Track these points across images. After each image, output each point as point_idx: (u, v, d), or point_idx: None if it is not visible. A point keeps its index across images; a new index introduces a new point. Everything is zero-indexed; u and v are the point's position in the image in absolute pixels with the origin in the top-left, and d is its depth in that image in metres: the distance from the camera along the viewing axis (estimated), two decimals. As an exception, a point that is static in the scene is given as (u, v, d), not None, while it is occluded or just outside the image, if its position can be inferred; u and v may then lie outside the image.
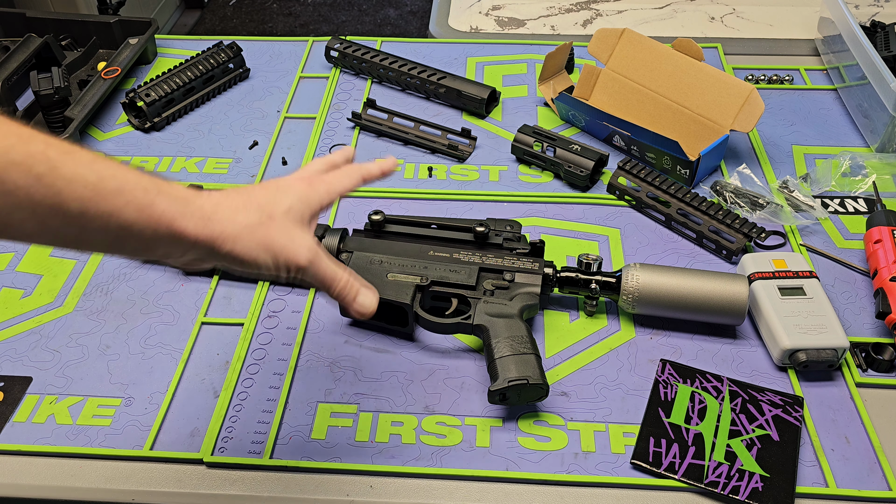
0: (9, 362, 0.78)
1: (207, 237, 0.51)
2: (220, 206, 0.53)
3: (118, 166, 0.49)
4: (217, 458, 0.69)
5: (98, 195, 0.47)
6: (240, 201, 0.54)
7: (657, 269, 0.79)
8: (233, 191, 0.56)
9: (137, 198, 0.48)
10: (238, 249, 0.53)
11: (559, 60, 1.11)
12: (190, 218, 0.50)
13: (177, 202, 0.50)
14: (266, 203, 0.55)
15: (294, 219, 0.56)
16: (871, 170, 0.97)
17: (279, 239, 0.54)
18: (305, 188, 0.58)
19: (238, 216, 0.53)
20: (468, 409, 0.73)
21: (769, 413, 0.71)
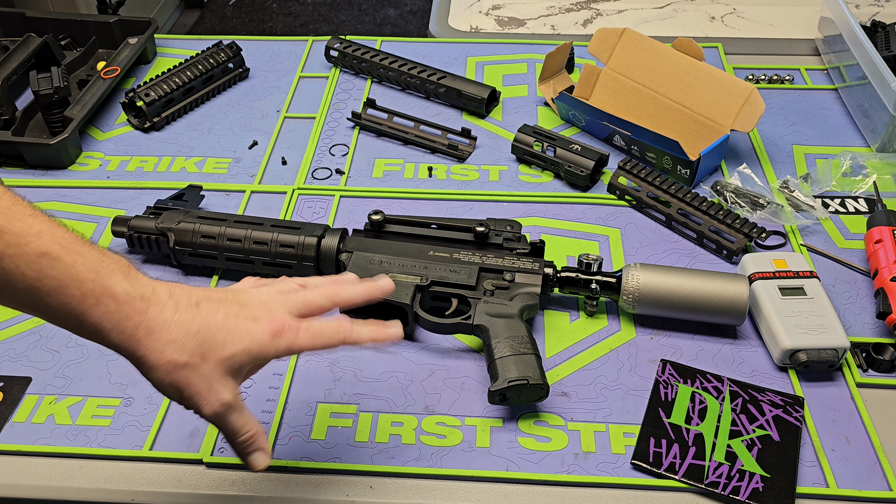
0: (8, 362, 0.78)
1: (130, 353, 0.52)
2: (153, 332, 0.51)
3: (67, 262, 0.48)
4: (217, 458, 0.69)
5: (32, 295, 0.47)
6: (179, 332, 0.52)
7: (657, 269, 0.78)
8: (184, 306, 0.53)
9: (71, 303, 0.48)
10: (152, 378, 0.53)
11: (559, 60, 1.11)
12: (120, 333, 0.50)
13: (112, 317, 0.50)
14: (209, 340, 0.53)
15: (227, 369, 0.54)
16: (872, 170, 0.97)
17: (195, 386, 0.53)
18: (267, 341, 0.55)
19: (167, 350, 0.52)
20: (468, 410, 0.73)
21: (770, 413, 0.71)
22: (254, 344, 0.54)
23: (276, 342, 0.55)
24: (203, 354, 0.53)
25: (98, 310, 0.49)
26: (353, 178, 1.00)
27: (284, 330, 0.56)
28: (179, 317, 0.52)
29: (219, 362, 0.53)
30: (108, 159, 1.04)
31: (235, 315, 0.55)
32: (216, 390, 0.53)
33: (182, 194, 0.91)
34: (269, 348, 0.55)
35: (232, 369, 0.54)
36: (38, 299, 0.48)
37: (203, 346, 0.53)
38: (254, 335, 0.55)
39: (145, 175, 1.01)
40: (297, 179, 0.99)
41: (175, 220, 0.84)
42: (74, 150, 1.03)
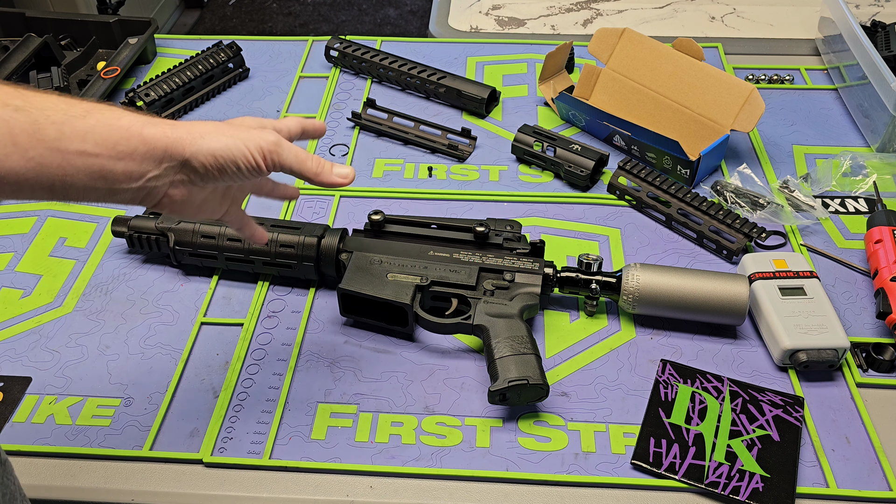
0: (8, 362, 0.78)
1: (175, 138, 0.54)
2: (182, 122, 0.56)
3: (86, 99, 0.52)
4: (217, 458, 0.69)
5: (70, 118, 0.50)
6: (209, 125, 0.57)
7: (657, 269, 0.78)
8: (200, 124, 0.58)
9: (105, 116, 0.51)
10: (209, 142, 0.55)
11: (559, 60, 1.11)
12: (156, 126, 0.53)
13: (142, 118, 0.53)
14: (229, 125, 0.58)
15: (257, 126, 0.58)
16: (872, 170, 0.97)
17: (246, 131, 0.56)
18: (257, 128, 0.59)
19: (202, 125, 0.56)
20: (468, 410, 0.73)
21: (769, 413, 0.71)
22: (252, 127, 0.59)
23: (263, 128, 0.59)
24: (230, 123, 0.58)
25: (128, 115, 0.52)
26: (353, 178, 1.00)
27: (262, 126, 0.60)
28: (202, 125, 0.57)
29: (248, 129, 0.57)
30: (108, 159, 1.04)
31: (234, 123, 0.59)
32: (258, 133, 0.57)
33: (182, 194, 0.91)
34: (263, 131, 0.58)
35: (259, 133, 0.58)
36: (78, 123, 0.50)
37: (233, 124, 0.58)
38: (245, 124, 0.59)
39: (145, 175, 1.01)
40: (297, 179, 0.99)
41: (175, 220, 0.84)
42: (74, 150, 1.03)
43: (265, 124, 0.61)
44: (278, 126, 0.62)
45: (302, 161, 0.60)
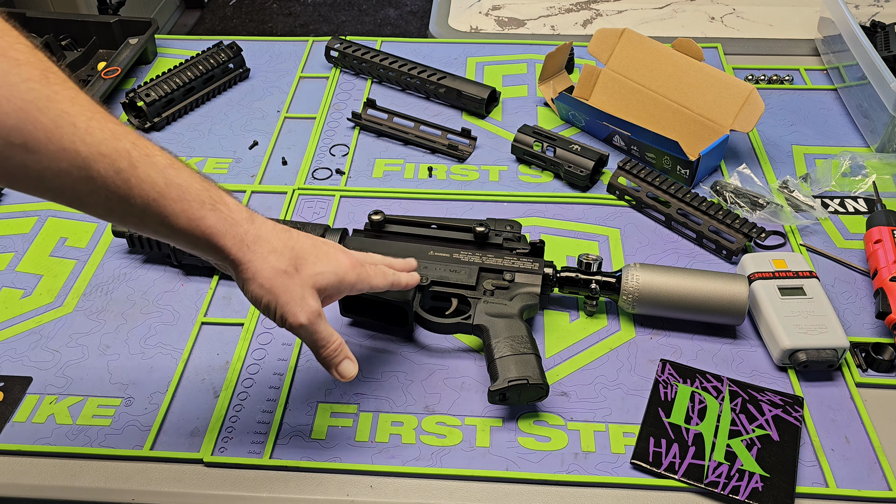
0: (9, 362, 0.78)
1: (237, 259, 0.57)
2: (259, 239, 0.58)
3: (187, 175, 0.55)
4: (217, 457, 0.69)
5: (161, 198, 0.53)
6: (279, 243, 0.59)
7: (657, 269, 0.79)
8: (280, 228, 0.60)
9: (193, 208, 0.54)
10: (252, 286, 0.58)
11: (559, 60, 1.11)
12: (230, 239, 0.56)
13: (227, 220, 0.56)
14: (302, 257, 0.59)
15: (315, 284, 0.60)
16: (871, 170, 0.97)
17: (291, 293, 0.58)
18: (348, 268, 0.62)
19: (270, 257, 0.58)
20: (468, 409, 0.73)
21: (769, 413, 0.71)
22: (339, 268, 0.61)
23: (355, 271, 0.63)
24: (297, 266, 0.59)
25: (214, 214, 0.55)
26: (353, 178, 1.00)
27: (359, 266, 0.64)
28: (278, 233, 0.59)
29: (309, 276, 0.59)
30: (109, 159, 1.04)
31: (322, 244, 0.62)
32: (308, 300, 0.59)
33: (182, 194, 0.91)
34: (350, 275, 0.62)
35: (319, 286, 0.60)
36: (164, 206, 0.53)
37: (297, 260, 0.59)
38: (339, 261, 0.62)
39: (146, 175, 1.01)
40: (297, 179, 0.99)
41: (175, 221, 0.84)
42: (75, 151, 1.03)
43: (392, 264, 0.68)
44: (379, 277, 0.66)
45: (318, 346, 0.62)
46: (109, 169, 0.50)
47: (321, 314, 0.60)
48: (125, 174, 0.51)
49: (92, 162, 0.50)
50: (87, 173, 0.50)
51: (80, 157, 0.49)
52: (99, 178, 0.50)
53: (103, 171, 0.50)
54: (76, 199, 0.52)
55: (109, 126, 0.51)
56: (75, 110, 0.49)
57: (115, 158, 0.51)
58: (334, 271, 0.61)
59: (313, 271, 0.60)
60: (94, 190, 0.51)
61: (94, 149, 0.50)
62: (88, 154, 0.49)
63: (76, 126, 0.49)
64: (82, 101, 0.51)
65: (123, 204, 0.52)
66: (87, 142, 0.49)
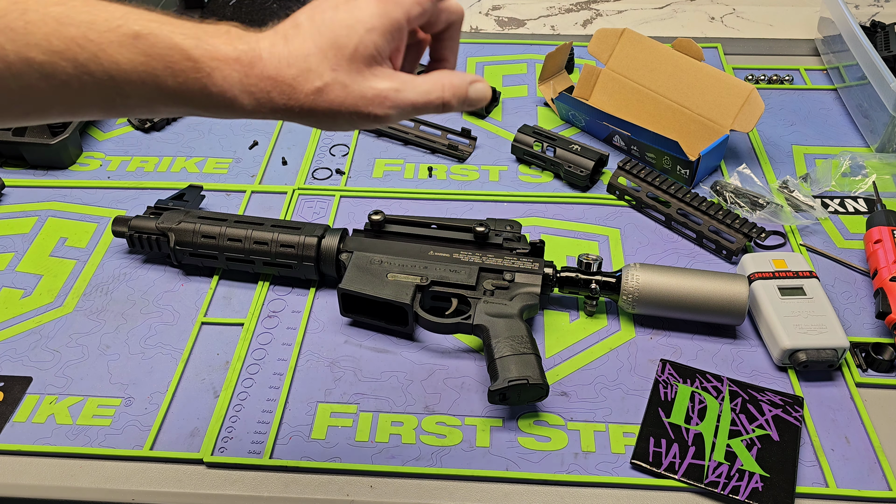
0: (9, 362, 0.78)
1: (271, 110, 0.47)
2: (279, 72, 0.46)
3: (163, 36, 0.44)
4: (217, 458, 0.69)
5: (150, 79, 0.44)
6: (298, 60, 0.46)
7: (657, 269, 0.79)
8: (295, 30, 0.47)
9: (190, 80, 0.45)
10: (309, 119, 0.47)
11: (559, 60, 1.11)
12: (249, 95, 0.46)
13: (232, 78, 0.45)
14: (330, 47, 0.46)
15: (363, 62, 0.47)
16: (871, 170, 0.97)
17: (347, 101, 0.46)
18: (382, 7, 0.47)
19: (299, 83, 0.46)
20: (468, 409, 0.73)
21: (769, 413, 0.71)
22: (373, 19, 0.47)
23: (394, 2, 0.48)
24: (332, 66, 0.46)
25: (216, 76, 0.45)
26: (353, 178, 1.00)
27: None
28: (292, 46, 0.46)
29: (350, 62, 0.46)
30: (109, 159, 1.04)
31: (337, 8, 0.47)
32: (368, 91, 0.47)
33: (182, 194, 0.91)
34: (392, 11, 0.47)
35: (368, 58, 0.47)
36: (158, 86, 0.44)
37: (328, 57, 0.46)
38: (370, 11, 0.47)
39: (146, 175, 1.01)
40: (297, 179, 0.99)
41: (175, 220, 0.84)
42: (75, 150, 1.03)
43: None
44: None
45: (426, 109, 0.50)
46: (74, 67, 0.42)
47: (398, 87, 0.48)
48: (92, 67, 0.43)
49: (51, 67, 0.42)
50: (55, 80, 0.43)
51: (37, 65, 0.42)
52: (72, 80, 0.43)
53: (70, 71, 0.42)
54: (67, 110, 0.45)
55: (51, 12, 0.42)
56: (1, 8, 0.42)
57: (74, 52, 0.42)
58: (369, 28, 0.46)
59: (351, 53, 0.46)
60: (75, 96, 0.43)
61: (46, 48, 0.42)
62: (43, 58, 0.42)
63: (12, 30, 0.41)
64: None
65: (115, 98, 0.44)
66: (33, 43, 0.42)
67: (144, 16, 0.44)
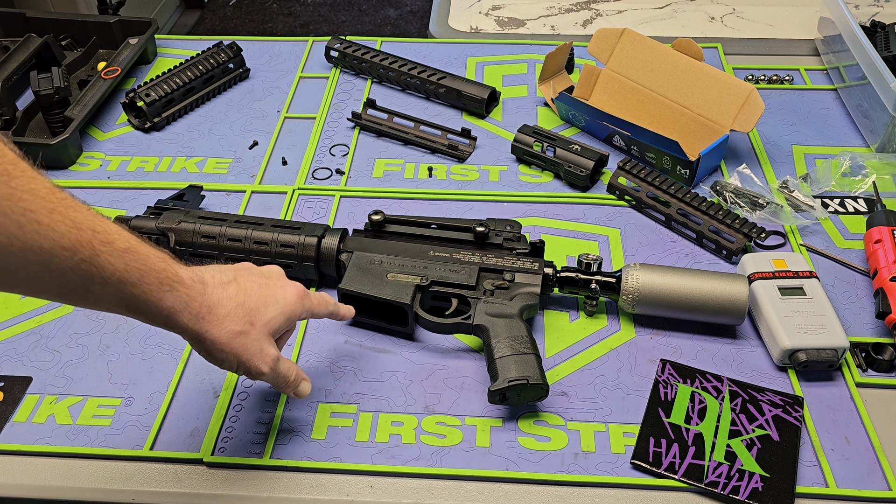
0: (9, 362, 0.78)
1: (195, 330, 0.59)
2: (213, 309, 0.59)
3: (145, 257, 0.55)
4: (217, 458, 0.69)
5: (120, 283, 0.53)
6: (231, 306, 0.60)
7: (657, 269, 0.79)
8: (226, 282, 0.61)
9: (151, 291, 0.55)
10: (214, 352, 0.60)
11: (559, 60, 1.11)
12: (188, 314, 0.58)
13: (182, 299, 0.57)
14: (254, 309, 0.62)
15: (269, 330, 0.63)
16: (871, 170, 0.97)
17: (251, 349, 0.61)
18: (295, 303, 0.65)
19: (225, 323, 0.60)
20: (468, 409, 0.73)
21: (769, 413, 0.71)
22: (287, 306, 0.64)
23: (302, 303, 0.66)
24: (251, 322, 0.61)
25: (171, 295, 0.56)
26: (353, 178, 1.00)
27: (303, 292, 0.66)
28: (227, 293, 0.61)
29: (263, 326, 0.62)
30: (109, 159, 1.04)
31: (266, 285, 0.64)
32: (266, 350, 0.62)
33: (182, 194, 0.91)
34: (298, 308, 0.65)
35: (272, 330, 0.63)
36: (124, 290, 0.54)
37: (250, 315, 0.61)
38: (287, 298, 0.64)
39: (146, 175, 1.01)
40: (297, 179, 0.99)
41: (175, 220, 0.84)
42: (75, 151, 1.03)
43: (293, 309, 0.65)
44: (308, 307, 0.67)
45: (280, 385, 0.66)
46: (70, 261, 0.50)
47: (279, 357, 0.63)
48: (85, 265, 0.51)
49: (53, 257, 0.49)
50: (47, 267, 0.49)
51: (44, 253, 0.48)
52: (58, 271, 0.50)
53: (64, 264, 0.50)
54: (30, 289, 0.51)
55: (71, 216, 0.50)
56: (37, 205, 0.48)
57: (77, 250, 0.50)
58: (282, 311, 0.64)
59: (266, 320, 0.62)
60: (50, 281, 0.50)
61: (56, 243, 0.49)
62: (51, 249, 0.49)
63: (39, 223, 0.48)
64: (43, 191, 0.49)
65: (80, 290, 0.52)
66: (50, 237, 0.49)
67: (128, 234, 0.55)
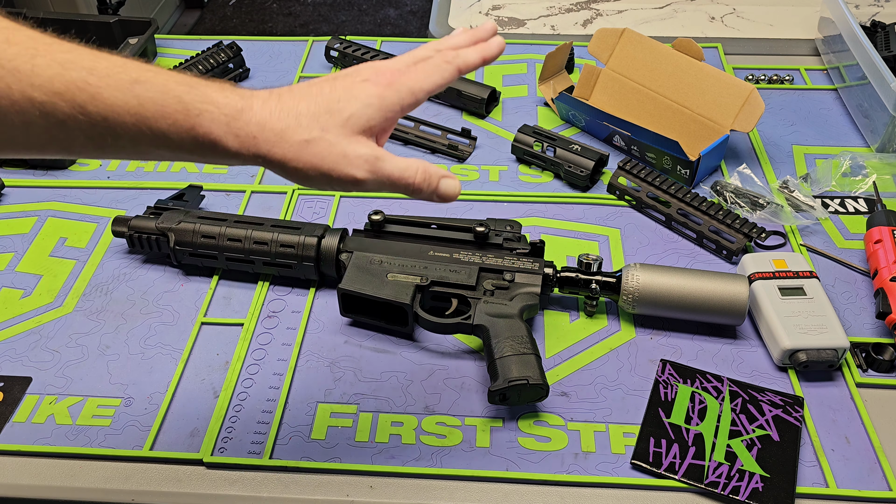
0: (8, 362, 0.78)
1: (254, 155, 0.50)
2: (268, 121, 0.50)
3: (160, 85, 0.48)
4: (217, 458, 0.69)
5: (141, 121, 0.47)
6: (290, 115, 0.51)
7: (657, 269, 0.79)
8: (279, 94, 0.52)
9: (178, 122, 0.48)
10: (289, 170, 0.51)
11: (559, 60, 1.11)
12: (235, 137, 0.49)
13: (220, 120, 0.49)
14: (324, 112, 0.51)
15: (353, 129, 0.51)
16: (872, 170, 0.97)
17: (329, 157, 0.51)
18: (381, 90, 0.52)
19: (287, 134, 0.50)
20: (468, 410, 0.73)
21: (769, 413, 0.71)
22: (371, 97, 0.52)
23: (394, 89, 0.53)
24: (322, 126, 0.51)
25: (205, 118, 0.48)
26: (353, 178, 1.00)
27: (396, 78, 0.53)
28: (283, 103, 0.51)
29: (341, 126, 0.51)
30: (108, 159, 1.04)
31: (343, 82, 0.53)
32: (352, 152, 0.51)
33: (182, 194, 0.91)
34: (390, 96, 0.53)
35: (359, 128, 0.52)
36: (148, 128, 0.47)
37: (320, 119, 0.51)
38: (368, 91, 0.52)
39: (145, 175, 1.01)
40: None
41: (175, 220, 0.84)
42: (74, 151, 1.03)
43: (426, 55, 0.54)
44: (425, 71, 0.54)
45: (400, 185, 0.54)
46: (71, 107, 0.45)
47: (378, 156, 0.52)
48: (89, 107, 0.46)
49: (51, 106, 0.45)
50: (53, 119, 0.45)
51: (38, 104, 0.44)
52: (68, 119, 0.45)
53: (67, 111, 0.45)
54: (62, 148, 0.47)
55: (58, 58, 0.45)
56: (13, 52, 0.44)
57: (73, 93, 0.45)
58: (366, 104, 0.52)
59: (342, 120, 0.51)
60: (70, 135, 0.46)
61: (48, 89, 0.44)
62: (44, 98, 0.44)
63: (20, 71, 0.44)
64: (20, 37, 0.45)
65: (106, 138, 0.47)
66: (37, 84, 0.44)
67: (143, 66, 0.48)
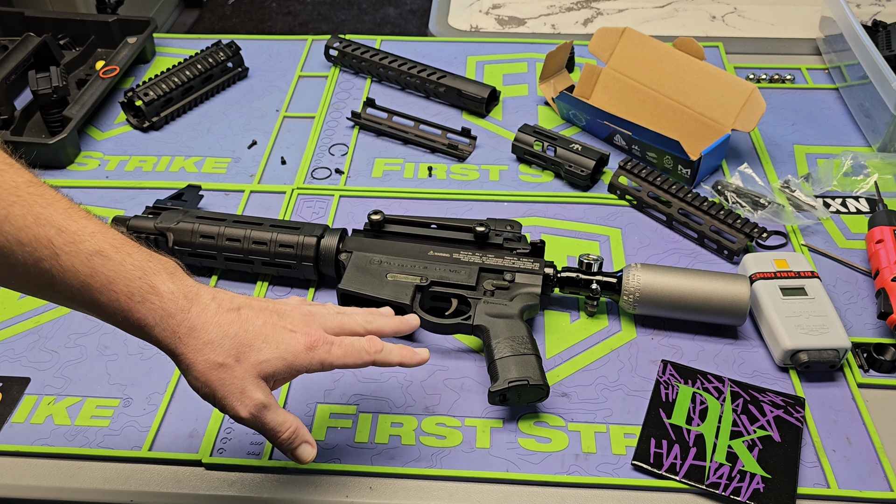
0: (7, 363, 0.78)
1: (171, 350, 0.55)
2: (193, 331, 0.54)
3: (116, 260, 0.52)
4: (216, 459, 0.69)
5: (85, 288, 0.51)
6: (217, 333, 0.55)
7: (658, 269, 0.78)
8: (224, 310, 0.56)
9: (119, 300, 0.52)
10: (188, 377, 0.56)
11: (560, 59, 1.10)
12: (163, 330, 0.53)
13: (157, 313, 0.53)
14: (245, 345, 0.56)
15: (259, 372, 0.56)
16: (873, 169, 0.96)
17: (229, 386, 0.55)
18: (299, 350, 0.57)
19: (205, 349, 0.54)
20: (468, 410, 0.73)
21: (770, 414, 0.71)
22: (288, 353, 0.57)
23: (309, 354, 0.58)
24: (238, 357, 0.55)
25: (143, 307, 0.52)
26: (352, 177, 1.00)
27: (319, 343, 0.58)
28: (220, 319, 0.55)
29: (252, 365, 0.56)
30: (107, 159, 1.04)
31: (273, 324, 0.57)
32: (249, 392, 0.55)
33: (181, 194, 0.91)
34: (303, 359, 0.57)
35: (264, 373, 0.56)
36: (90, 296, 0.51)
37: (239, 349, 0.55)
38: (289, 345, 0.57)
39: (144, 175, 1.01)
40: (296, 179, 0.99)
41: (174, 220, 0.84)
42: (73, 150, 1.03)
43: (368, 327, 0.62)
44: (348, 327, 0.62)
45: (271, 436, 0.58)
46: (29, 258, 0.49)
47: (266, 405, 0.56)
48: (46, 264, 0.49)
49: (9, 251, 0.48)
50: (6, 261, 0.49)
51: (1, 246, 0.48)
52: (19, 266, 0.49)
53: (22, 260, 0.49)
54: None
55: (34, 211, 0.49)
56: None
57: (35, 247, 0.49)
58: (281, 357, 0.56)
59: (256, 360, 0.56)
60: (13, 275, 0.50)
61: (13, 237, 0.48)
62: (4, 243, 0.48)
63: None
64: (5, 183, 0.49)
65: (47, 290, 0.51)
66: (4, 230, 0.48)
67: (110, 237, 0.52)
